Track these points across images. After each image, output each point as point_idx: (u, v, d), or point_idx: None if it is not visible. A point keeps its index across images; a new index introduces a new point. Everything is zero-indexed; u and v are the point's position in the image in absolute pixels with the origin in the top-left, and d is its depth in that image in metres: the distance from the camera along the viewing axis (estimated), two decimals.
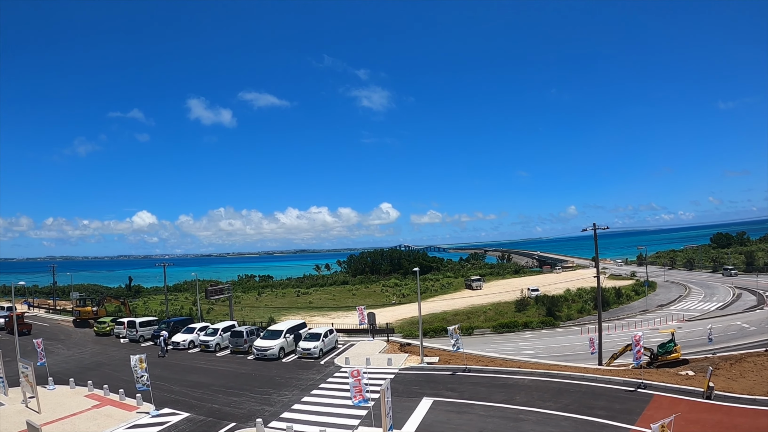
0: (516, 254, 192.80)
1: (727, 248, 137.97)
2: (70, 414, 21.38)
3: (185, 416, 20.55)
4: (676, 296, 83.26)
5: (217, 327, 35.58)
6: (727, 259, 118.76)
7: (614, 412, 18.19)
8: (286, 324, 34.33)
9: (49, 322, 54.78)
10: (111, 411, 21.77)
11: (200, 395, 23.56)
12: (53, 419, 20.68)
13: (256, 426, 18.37)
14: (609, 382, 22.58)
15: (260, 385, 25.19)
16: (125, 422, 20.23)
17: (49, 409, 22.01)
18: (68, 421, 20.47)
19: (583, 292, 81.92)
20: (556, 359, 36.61)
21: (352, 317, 71.75)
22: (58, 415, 21.25)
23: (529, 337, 58.40)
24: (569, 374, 24.42)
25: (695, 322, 59.50)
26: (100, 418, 20.90)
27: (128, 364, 30.32)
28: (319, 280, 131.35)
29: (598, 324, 43.70)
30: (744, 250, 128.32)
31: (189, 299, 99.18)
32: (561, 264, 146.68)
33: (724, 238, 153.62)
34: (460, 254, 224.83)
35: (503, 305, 78.26)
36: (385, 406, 15.80)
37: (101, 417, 20.99)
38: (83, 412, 21.69)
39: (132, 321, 40.56)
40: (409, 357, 30.65)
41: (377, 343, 35.18)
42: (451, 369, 27.09)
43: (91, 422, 20.36)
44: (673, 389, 20.73)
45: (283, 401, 22.35)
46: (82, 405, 22.62)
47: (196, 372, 28.50)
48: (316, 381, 25.70)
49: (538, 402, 20.17)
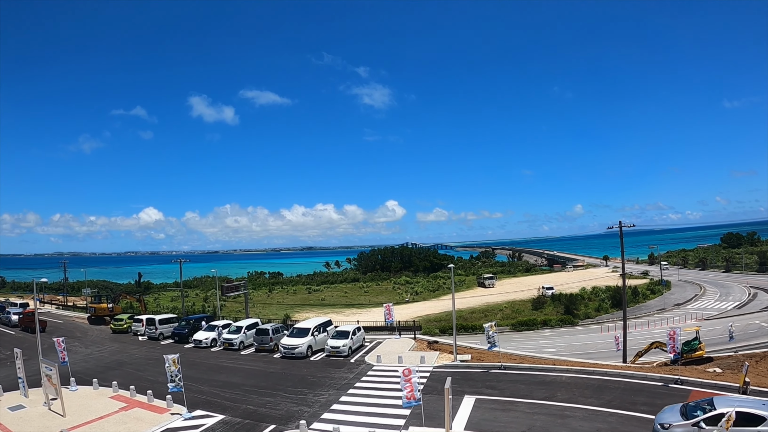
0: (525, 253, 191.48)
1: (737, 248, 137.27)
2: (97, 417, 20.22)
3: (220, 418, 19.61)
4: (692, 295, 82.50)
5: (241, 325, 34.69)
6: (740, 259, 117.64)
7: (657, 408, 18.01)
8: (313, 321, 33.48)
9: (62, 319, 54.03)
10: (140, 414, 20.66)
11: (232, 396, 22.69)
12: (80, 423, 19.51)
13: (300, 428, 17.50)
14: (646, 378, 22.44)
15: (293, 384, 24.35)
16: (157, 425, 19.07)
17: (74, 412, 20.86)
18: (96, 425, 19.33)
19: (599, 291, 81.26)
20: (580, 357, 36.50)
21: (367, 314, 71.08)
22: (84, 418, 20.12)
23: (549, 335, 57.93)
24: (606, 371, 24.26)
25: (714, 321, 59.08)
26: (129, 421, 19.71)
27: (152, 363, 30.14)
28: (329, 278, 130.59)
29: (623, 322, 43.29)
30: (756, 250, 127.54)
31: (200, 296, 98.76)
32: (572, 263, 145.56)
33: (734, 238, 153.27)
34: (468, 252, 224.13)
35: (519, 303, 77.68)
36: (449, 405, 15.42)
37: (131, 420, 19.80)
38: (111, 414, 20.52)
39: (151, 318, 39.66)
40: (441, 355, 29.96)
41: (405, 341, 34.36)
42: (485, 367, 26.64)
43: (120, 426, 19.19)
44: (709, 385, 20.66)
45: (320, 401, 21.52)
46: (109, 407, 21.49)
47: (224, 371, 27.65)
48: (350, 380, 24.88)
49: (581, 398, 19.94)
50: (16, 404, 22.20)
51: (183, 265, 60.00)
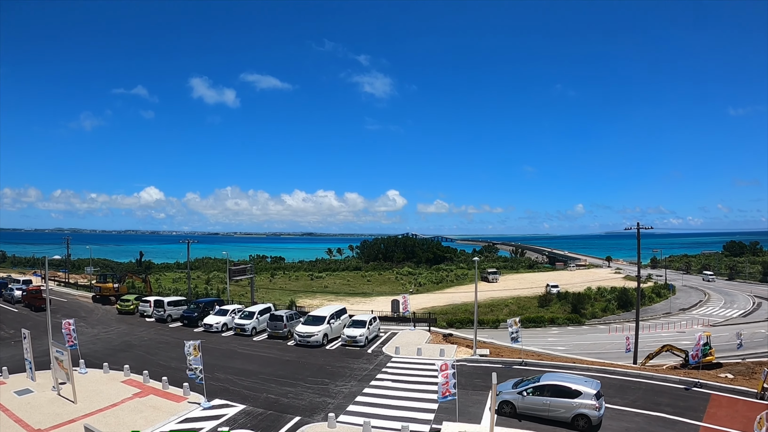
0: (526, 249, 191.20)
1: (740, 257, 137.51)
2: (111, 404, 19.03)
3: (241, 408, 18.82)
4: (697, 301, 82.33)
5: (253, 310, 33.93)
6: (744, 268, 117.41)
7: (680, 409, 18.46)
8: (329, 309, 32.72)
9: (66, 297, 53.01)
10: (156, 401, 19.51)
11: (250, 384, 21.96)
12: (93, 410, 18.31)
13: (328, 420, 16.83)
14: (666, 380, 22.55)
15: (312, 374, 23.65)
16: (175, 415, 18.02)
17: (86, 398, 19.57)
18: (110, 413, 18.15)
19: (604, 291, 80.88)
20: (589, 357, 35.99)
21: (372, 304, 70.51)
22: (97, 405, 18.92)
23: (557, 333, 57.72)
24: (626, 371, 24.37)
25: (720, 327, 58.83)
26: (146, 409, 18.60)
27: (162, 347, 29.50)
28: (331, 265, 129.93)
29: (636, 324, 43.07)
30: (758, 260, 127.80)
31: (201, 278, 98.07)
32: (574, 262, 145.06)
33: (737, 247, 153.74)
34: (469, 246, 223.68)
35: (524, 300, 77.31)
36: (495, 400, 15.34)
37: (147, 408, 18.69)
38: (124, 401, 19.38)
39: (160, 300, 38.87)
40: (459, 348, 29.34)
41: (420, 333, 33.62)
42: (506, 362, 26.23)
43: (137, 415, 18.01)
44: (727, 389, 20.91)
45: (343, 392, 20.86)
46: (122, 393, 20.31)
47: (238, 357, 26.94)
48: (371, 371, 24.24)
49: (606, 398, 19.90)
50: (23, 388, 20.91)
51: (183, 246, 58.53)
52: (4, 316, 40.16)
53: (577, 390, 16.94)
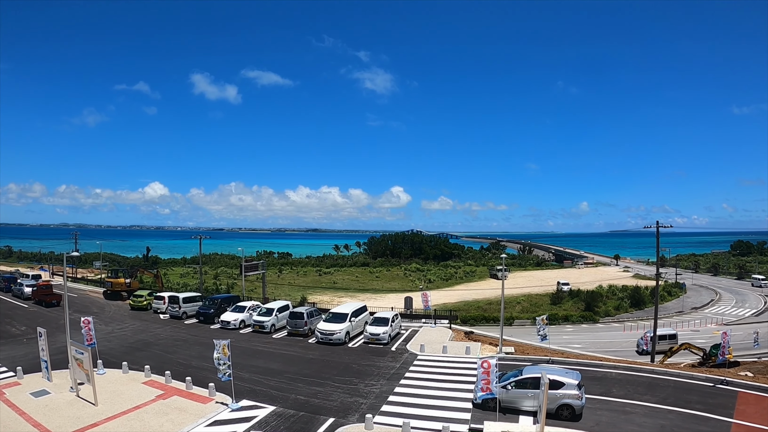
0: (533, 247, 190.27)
1: (747, 256, 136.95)
2: (134, 407, 18.17)
3: (271, 410, 18.16)
4: (708, 300, 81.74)
5: (272, 307, 33.35)
6: (753, 268, 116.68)
7: (710, 406, 18.56)
8: (350, 306, 32.12)
9: (76, 293, 52.45)
10: (181, 403, 18.62)
11: (277, 384, 21.34)
12: (115, 414, 17.46)
13: (365, 421, 16.23)
14: (693, 378, 22.65)
15: (338, 373, 23.08)
16: (204, 417, 17.23)
17: (106, 399, 18.71)
18: (134, 416, 17.30)
19: (615, 290, 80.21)
20: (607, 354, 36.25)
21: (383, 300, 70.23)
22: (119, 407, 18.05)
23: (571, 331, 57.18)
24: (653, 369, 24.36)
25: (733, 326, 58.14)
26: (171, 411, 17.72)
27: (180, 345, 28.87)
28: (339, 261, 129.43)
29: (654, 322, 42.60)
30: (765, 260, 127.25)
31: (209, 273, 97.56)
32: (582, 260, 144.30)
33: (744, 246, 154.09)
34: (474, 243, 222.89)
35: (535, 297, 76.85)
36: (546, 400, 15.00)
37: (172, 411, 17.82)
38: (148, 404, 18.50)
39: (174, 296, 38.24)
40: (483, 346, 28.86)
41: (442, 330, 33.08)
42: (533, 360, 25.94)
43: (162, 417, 17.17)
44: (753, 387, 21.03)
45: (374, 392, 20.28)
46: (144, 395, 19.44)
47: (260, 356, 26.33)
48: (398, 369, 23.70)
49: (636, 395, 19.96)
50: (40, 389, 20.02)
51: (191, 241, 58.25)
52: (15, 312, 39.44)
53: (560, 381, 17.27)
